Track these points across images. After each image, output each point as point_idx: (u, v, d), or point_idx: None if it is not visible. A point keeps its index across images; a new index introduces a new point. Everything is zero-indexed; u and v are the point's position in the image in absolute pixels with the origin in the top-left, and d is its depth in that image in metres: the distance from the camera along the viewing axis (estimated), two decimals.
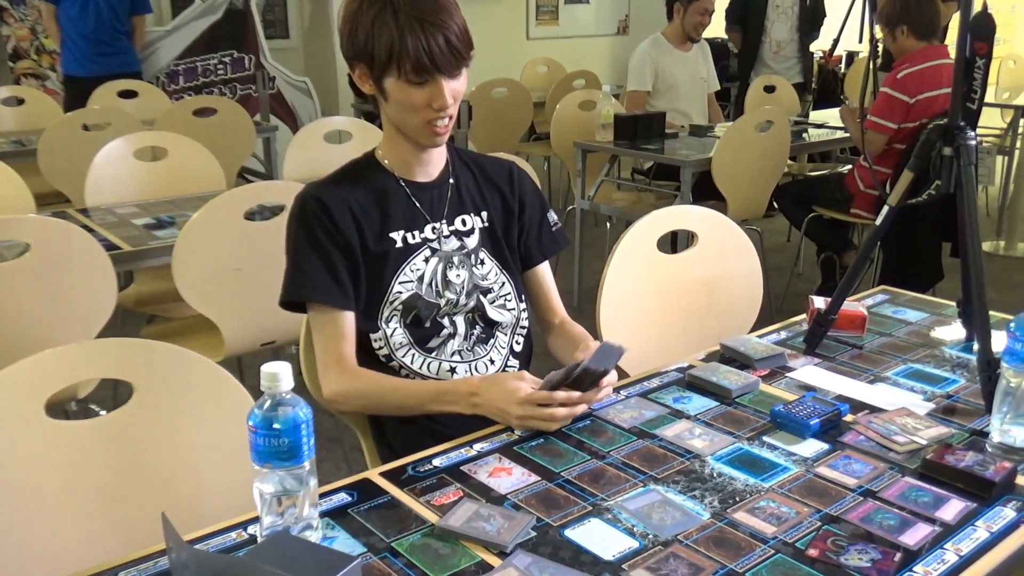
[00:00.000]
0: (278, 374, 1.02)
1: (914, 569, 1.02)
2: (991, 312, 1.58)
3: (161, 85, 5.64)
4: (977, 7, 1.42)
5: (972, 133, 1.48)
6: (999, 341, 1.35)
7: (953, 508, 1.14)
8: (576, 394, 1.33)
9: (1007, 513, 1.13)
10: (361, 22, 1.38)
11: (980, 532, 1.09)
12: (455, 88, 1.43)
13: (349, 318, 1.49)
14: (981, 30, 1.39)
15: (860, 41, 4.76)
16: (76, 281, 2.12)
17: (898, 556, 1.04)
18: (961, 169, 1.47)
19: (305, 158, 3.36)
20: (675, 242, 3.20)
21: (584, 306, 3.71)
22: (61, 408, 2.10)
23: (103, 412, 1.31)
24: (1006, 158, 5.39)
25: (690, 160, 3.61)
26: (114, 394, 2.18)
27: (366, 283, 1.50)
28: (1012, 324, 1.27)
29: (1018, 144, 5.02)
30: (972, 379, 1.53)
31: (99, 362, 1.29)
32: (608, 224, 4.23)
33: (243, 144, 4.16)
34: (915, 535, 1.08)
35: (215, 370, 1.33)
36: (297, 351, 1.67)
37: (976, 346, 1.50)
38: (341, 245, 1.47)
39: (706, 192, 3.72)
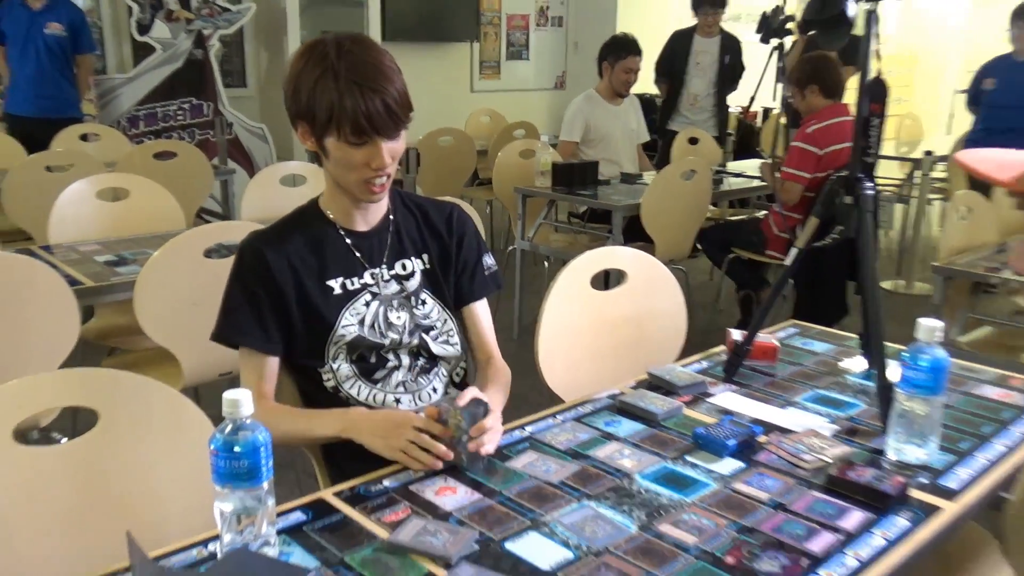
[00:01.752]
0: (239, 400, 1.03)
1: (819, 573, 1.06)
2: (889, 344, 1.65)
3: (123, 129, 5.57)
4: (873, 74, 1.52)
5: (870, 183, 1.56)
6: (895, 370, 1.41)
7: (854, 518, 1.19)
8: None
9: (901, 522, 1.18)
10: (303, 83, 1.38)
11: (877, 539, 1.14)
12: (393, 148, 1.43)
13: (271, 361, 1.51)
14: (876, 93, 1.47)
15: (774, 99, 4.93)
16: (39, 315, 2.09)
17: (805, 562, 1.08)
18: (860, 215, 1.55)
19: (261, 200, 3.35)
20: (607, 280, 3.26)
21: (524, 339, 3.72)
22: (22, 436, 2.05)
23: (64, 439, 1.30)
24: (905, 206, 5.59)
25: (621, 205, 3.68)
26: (74, 423, 2.14)
27: (308, 327, 1.51)
28: (906, 355, 1.34)
29: (915, 193, 5.21)
30: (871, 403, 1.59)
31: (67, 390, 1.28)
32: (546, 263, 4.28)
33: (201, 186, 4.13)
34: (820, 543, 1.13)
35: (176, 398, 1.33)
36: None
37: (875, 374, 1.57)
38: (273, 294, 1.48)
39: (636, 234, 3.79)
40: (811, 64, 3.74)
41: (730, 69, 5.37)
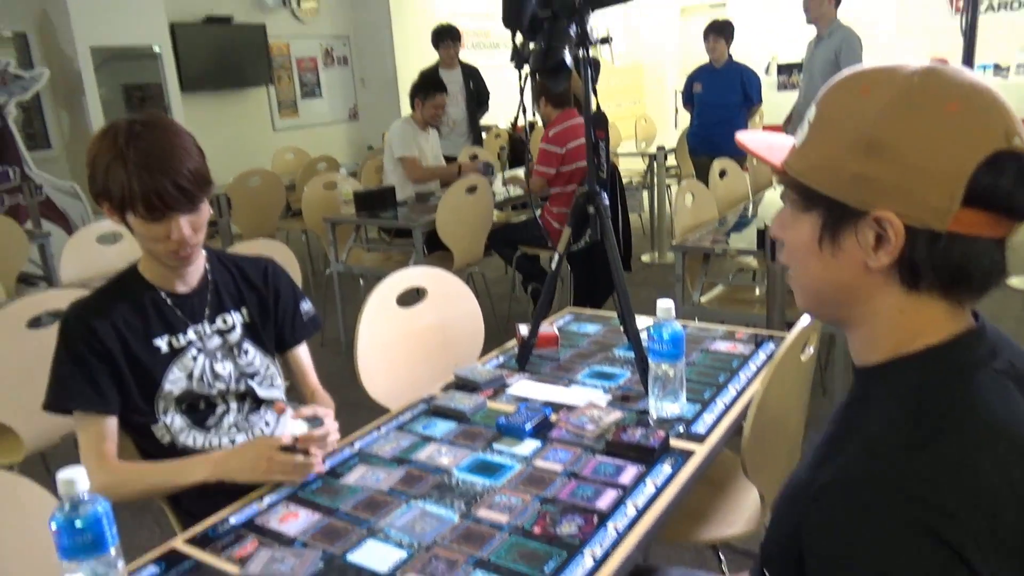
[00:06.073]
0: (74, 480, 0.96)
1: (607, 525, 1.13)
2: (641, 316, 1.77)
3: None
4: (594, 107, 1.61)
5: (605, 195, 1.66)
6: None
7: (629, 474, 1.28)
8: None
9: (665, 469, 1.28)
10: (98, 167, 1.32)
11: (649, 487, 1.23)
12: (193, 220, 1.38)
13: (109, 420, 1.40)
14: (599, 122, 1.57)
15: (534, 115, 5.09)
16: None
17: (595, 519, 1.15)
18: (602, 221, 1.64)
19: (80, 260, 3.07)
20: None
21: (350, 352, 3.68)
22: None
23: None
24: (648, 191, 5.97)
25: (419, 222, 3.69)
26: None
27: (138, 385, 1.42)
28: (651, 330, 1.45)
29: (655, 181, 5.57)
30: (635, 371, 1.70)
31: None
32: (361, 281, 4.22)
33: (17, 253, 3.72)
34: (605, 500, 1.20)
35: (12, 480, 1.21)
36: None
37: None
38: (102, 355, 1.38)
39: (436, 245, 3.83)
40: (539, 84, 3.97)
41: (476, 94, 5.46)
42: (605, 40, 1.58)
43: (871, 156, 0.69)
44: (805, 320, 1.40)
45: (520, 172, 4.87)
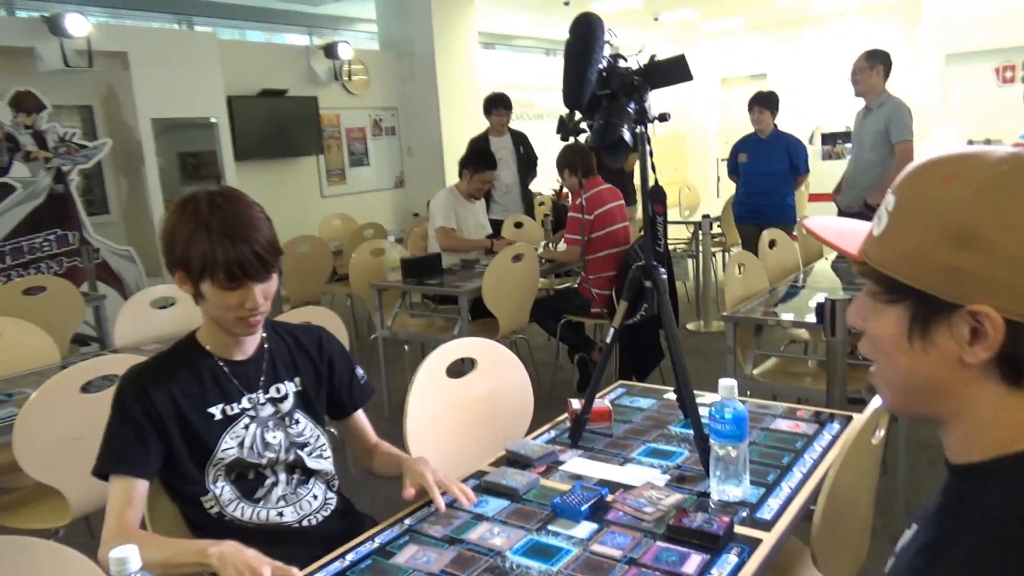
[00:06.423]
0: (126, 559, 0.94)
1: None
2: (698, 392, 1.72)
3: None
4: (651, 182, 1.60)
5: (662, 269, 1.64)
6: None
7: (693, 562, 1.21)
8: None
9: (731, 559, 1.21)
10: (178, 237, 1.34)
11: None
12: (265, 289, 1.40)
13: (139, 484, 1.37)
14: (656, 196, 1.55)
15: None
16: None
17: None
18: (660, 296, 1.61)
19: (135, 324, 3.13)
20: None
21: (395, 415, 3.62)
22: None
23: None
24: (694, 259, 5.93)
25: (464, 290, 3.69)
26: None
27: (190, 453, 1.41)
28: (712, 409, 1.39)
29: (700, 248, 5.53)
30: (693, 450, 1.63)
31: None
32: (406, 346, 4.22)
33: (74, 315, 3.81)
34: None
35: (63, 552, 1.19)
36: None
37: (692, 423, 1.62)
38: (153, 419, 1.38)
39: (481, 311, 3.82)
40: (564, 154, 4.03)
41: (525, 159, 5.55)
42: (663, 117, 1.57)
43: (962, 248, 0.65)
44: (876, 401, 1.33)
45: (550, 247, 4.89)
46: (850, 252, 0.76)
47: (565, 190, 5.94)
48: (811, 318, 2.83)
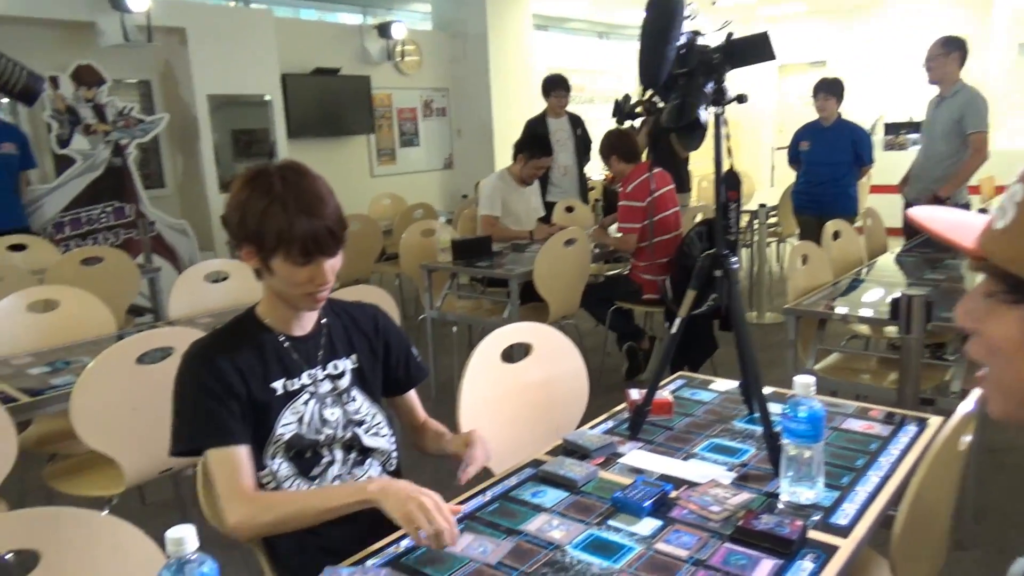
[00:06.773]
0: (183, 539, 0.91)
1: None
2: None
3: (49, 235, 5.21)
4: (726, 166, 1.52)
5: (735, 258, 1.56)
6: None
7: (764, 568, 1.15)
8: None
9: (806, 565, 1.14)
10: (250, 211, 1.32)
11: None
12: (334, 264, 1.39)
13: (243, 451, 1.35)
14: (731, 182, 1.48)
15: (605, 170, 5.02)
16: None
17: None
18: (731, 286, 1.54)
19: (189, 296, 3.16)
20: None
21: (441, 397, 3.62)
22: None
23: None
24: (749, 249, 5.79)
25: (515, 273, 3.64)
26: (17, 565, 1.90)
27: (253, 427, 1.38)
28: (787, 407, 1.32)
29: (755, 238, 5.40)
30: (760, 447, 1.56)
31: (8, 534, 1.11)
32: (454, 328, 4.20)
33: (129, 286, 3.87)
34: None
35: (120, 527, 1.18)
36: (194, 473, 1.51)
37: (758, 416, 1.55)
38: (228, 389, 1.35)
39: (530, 296, 3.77)
40: (607, 140, 3.92)
41: (581, 141, 5.47)
42: (741, 98, 1.49)
43: None
44: (967, 406, 1.25)
45: (601, 229, 4.79)
46: (967, 246, 0.68)
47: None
48: (867, 312, 2.71)
